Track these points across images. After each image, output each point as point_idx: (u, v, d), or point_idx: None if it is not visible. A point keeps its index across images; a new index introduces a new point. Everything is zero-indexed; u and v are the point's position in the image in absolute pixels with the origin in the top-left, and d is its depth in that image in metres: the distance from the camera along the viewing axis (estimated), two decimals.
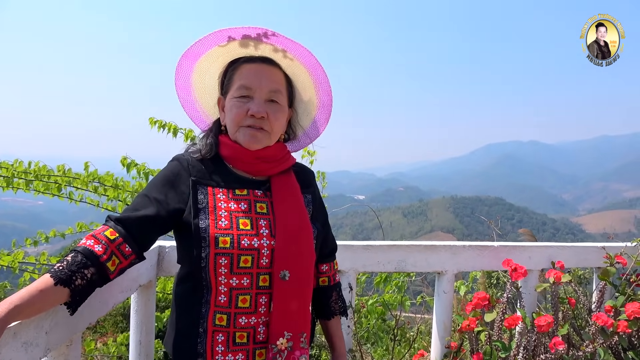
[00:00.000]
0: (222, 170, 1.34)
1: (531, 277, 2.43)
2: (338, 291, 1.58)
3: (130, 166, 3.02)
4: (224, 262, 1.20)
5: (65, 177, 2.99)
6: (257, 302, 1.24)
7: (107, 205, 3.08)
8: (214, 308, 1.22)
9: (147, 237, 1.25)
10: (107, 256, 1.15)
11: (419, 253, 2.30)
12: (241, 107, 1.29)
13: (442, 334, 2.32)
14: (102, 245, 1.15)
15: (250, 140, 1.30)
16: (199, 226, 1.22)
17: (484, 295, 2.14)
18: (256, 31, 1.27)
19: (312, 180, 1.53)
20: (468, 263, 2.38)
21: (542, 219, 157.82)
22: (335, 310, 1.55)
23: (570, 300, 2.35)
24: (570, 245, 2.63)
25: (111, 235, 1.17)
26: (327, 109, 1.49)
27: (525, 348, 2.08)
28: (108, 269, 1.15)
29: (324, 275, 1.53)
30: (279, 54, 1.34)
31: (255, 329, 1.24)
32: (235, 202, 1.28)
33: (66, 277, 1.06)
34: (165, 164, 1.37)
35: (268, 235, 1.26)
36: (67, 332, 1.23)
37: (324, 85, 1.42)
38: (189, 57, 1.38)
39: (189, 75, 1.44)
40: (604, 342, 2.13)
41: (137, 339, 1.88)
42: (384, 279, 3.30)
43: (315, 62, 1.35)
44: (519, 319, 2.06)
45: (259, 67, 1.33)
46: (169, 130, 3.18)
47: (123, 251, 1.18)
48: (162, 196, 1.26)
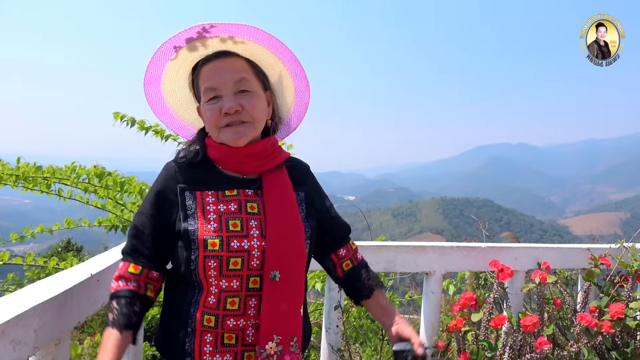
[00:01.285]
0: (211, 172, 1.33)
1: (517, 278, 2.46)
2: (367, 268, 1.51)
3: (103, 176, 2.94)
4: (213, 264, 1.20)
5: (55, 178, 2.95)
6: (247, 304, 1.22)
7: (97, 203, 3.06)
8: (203, 309, 1.21)
9: (162, 253, 1.31)
10: (144, 289, 1.27)
11: (408, 254, 2.32)
12: (213, 109, 1.26)
13: (430, 334, 2.34)
14: (134, 282, 1.25)
15: (234, 137, 1.27)
16: (188, 229, 1.22)
17: (471, 295, 2.17)
18: (195, 30, 1.24)
19: (306, 175, 1.48)
20: (456, 264, 2.41)
21: (529, 220, 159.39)
22: (372, 285, 1.47)
23: (556, 301, 2.38)
24: (556, 247, 2.67)
25: (135, 270, 1.27)
26: (301, 77, 1.40)
27: (511, 347, 2.11)
28: (149, 296, 1.28)
29: (345, 259, 1.49)
30: (228, 43, 1.28)
31: (244, 331, 1.23)
32: (224, 203, 1.26)
33: (126, 322, 1.20)
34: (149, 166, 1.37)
35: (259, 236, 1.24)
36: (56, 330, 1.23)
37: (286, 54, 1.34)
38: (151, 83, 1.36)
39: (161, 99, 1.41)
40: (588, 342, 2.16)
41: None
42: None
43: (267, 36, 1.28)
44: (505, 319, 2.09)
45: (215, 64, 1.28)
46: (140, 128, 3.09)
47: (152, 277, 1.29)
48: (155, 210, 1.28)
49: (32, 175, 2.89)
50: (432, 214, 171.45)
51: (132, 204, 3.16)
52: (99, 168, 3.00)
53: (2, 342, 0.99)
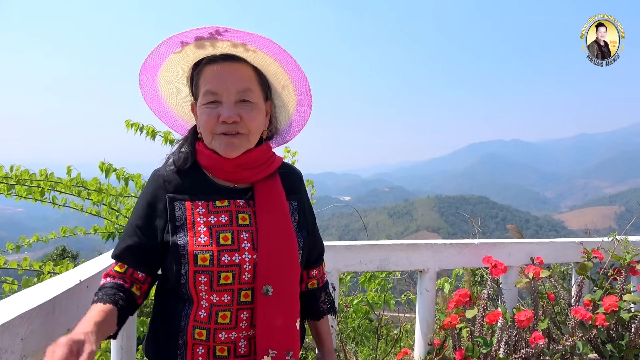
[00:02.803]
0: (201, 180, 1.28)
1: (511, 274, 2.47)
2: (326, 291, 1.54)
3: (109, 171, 2.97)
4: (203, 279, 1.17)
5: (48, 181, 2.93)
6: (238, 317, 1.20)
7: (92, 210, 3.04)
8: (194, 323, 1.19)
9: (150, 262, 1.26)
10: (129, 284, 1.23)
11: (401, 252, 2.31)
12: (210, 114, 1.21)
13: (425, 332, 2.34)
14: (120, 277, 1.23)
15: (227, 149, 1.22)
16: (177, 243, 1.18)
17: (465, 292, 2.16)
18: (207, 31, 1.18)
19: (299, 182, 1.45)
20: (449, 261, 2.40)
21: (525, 216, 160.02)
22: (324, 310, 1.51)
23: (550, 296, 2.39)
24: (549, 242, 2.68)
25: (121, 269, 1.24)
26: (306, 94, 1.38)
27: (507, 343, 2.11)
28: (134, 294, 1.23)
29: (314, 279, 1.49)
30: (240, 49, 1.23)
31: (236, 343, 1.21)
32: (215, 215, 1.23)
33: (112, 299, 1.15)
34: (145, 170, 1.35)
35: (250, 249, 1.21)
36: (44, 338, 1.20)
37: (296, 71, 1.31)
38: (148, 70, 1.31)
39: (155, 87, 1.37)
40: (583, 336, 2.17)
41: (118, 345, 1.86)
42: (369, 278, 3.32)
43: (279, 49, 1.24)
44: (499, 314, 2.09)
45: (222, 67, 1.23)
46: (148, 134, 3.14)
47: (137, 278, 1.25)
48: (143, 222, 1.24)
49: (25, 178, 2.87)
50: (428, 213, 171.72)
51: (127, 210, 3.15)
52: (105, 165, 2.98)
53: None
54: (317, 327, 1.53)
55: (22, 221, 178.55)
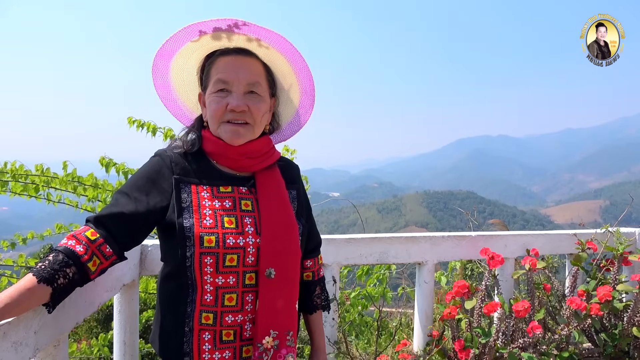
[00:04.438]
0: (206, 166, 1.32)
1: (507, 265, 2.51)
2: (322, 285, 1.57)
3: (109, 166, 2.96)
4: (209, 261, 1.19)
5: (44, 176, 2.90)
6: (244, 300, 1.23)
7: (87, 206, 3.02)
8: (200, 307, 1.21)
9: (128, 237, 1.23)
10: (88, 256, 1.14)
11: (400, 245, 2.34)
12: (220, 102, 1.27)
13: (425, 323, 2.37)
14: (83, 245, 1.14)
15: (233, 136, 1.28)
16: (183, 225, 1.20)
17: (464, 283, 2.20)
18: (226, 22, 1.24)
19: (297, 175, 1.50)
20: (447, 253, 2.44)
21: (512, 211, 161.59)
22: (317, 304, 1.54)
23: (546, 286, 2.43)
24: (544, 233, 2.73)
25: (92, 236, 1.16)
26: (310, 95, 1.45)
27: (504, 333, 2.15)
28: (89, 269, 1.14)
29: (309, 270, 1.52)
30: (254, 44, 1.30)
31: (242, 327, 1.24)
32: (219, 200, 1.26)
33: (49, 276, 1.05)
34: (147, 160, 1.35)
35: (253, 233, 1.25)
36: (55, 332, 1.21)
37: (304, 71, 1.38)
38: (163, 56, 1.35)
39: (166, 74, 1.40)
40: (578, 325, 2.21)
41: (121, 339, 1.86)
42: (366, 272, 3.35)
43: (292, 48, 1.31)
44: (497, 305, 2.13)
45: (234, 59, 1.29)
46: (148, 130, 3.14)
47: (104, 252, 1.17)
48: (142, 194, 1.23)
49: (21, 174, 2.83)
50: (417, 208, 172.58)
51: None
52: (106, 159, 2.97)
53: (4, 344, 0.97)
54: (309, 321, 1.56)
55: (6, 220, 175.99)
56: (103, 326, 6.82)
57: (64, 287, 1.09)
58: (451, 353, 2.23)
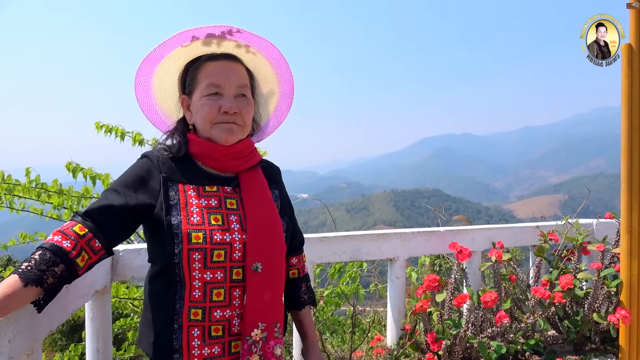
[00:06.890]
0: (192, 167, 1.35)
1: (475, 258, 2.60)
2: (307, 282, 1.61)
3: (76, 171, 2.89)
4: (197, 257, 1.21)
5: (5, 183, 2.80)
6: (232, 295, 1.26)
7: (52, 214, 2.93)
8: (189, 303, 1.22)
9: (116, 231, 1.24)
10: (77, 252, 1.14)
11: (372, 242, 2.39)
12: (212, 104, 1.31)
13: (397, 318, 2.43)
14: (71, 241, 1.14)
15: (228, 134, 1.32)
16: (171, 222, 1.22)
17: (435, 277, 2.26)
18: (220, 29, 1.29)
19: (279, 175, 1.56)
20: (418, 248, 2.51)
21: (476, 207, 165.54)
22: (305, 300, 1.58)
23: (511, 277, 2.53)
24: (509, 227, 2.84)
25: (80, 231, 1.16)
26: (288, 97, 1.55)
27: (474, 324, 2.22)
28: (77, 264, 1.14)
29: (294, 267, 1.56)
30: (242, 49, 1.37)
31: (230, 322, 1.26)
32: (205, 198, 1.29)
33: (36, 277, 1.04)
34: (133, 163, 1.36)
35: (239, 229, 1.28)
36: (29, 340, 1.19)
37: (286, 75, 1.47)
38: (151, 60, 1.37)
39: (149, 79, 1.42)
40: (542, 313, 2.32)
41: (94, 347, 1.83)
42: (338, 270, 3.39)
43: (279, 54, 1.40)
44: (466, 296, 2.20)
45: (224, 64, 1.35)
46: (117, 134, 3.08)
47: (93, 246, 1.18)
48: (130, 191, 1.25)
49: None
50: (384, 207, 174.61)
51: None
52: (72, 164, 2.90)
53: None
54: (299, 318, 1.60)
55: None
56: (68, 337, 6.61)
57: (54, 286, 1.09)
58: (424, 345, 2.29)
